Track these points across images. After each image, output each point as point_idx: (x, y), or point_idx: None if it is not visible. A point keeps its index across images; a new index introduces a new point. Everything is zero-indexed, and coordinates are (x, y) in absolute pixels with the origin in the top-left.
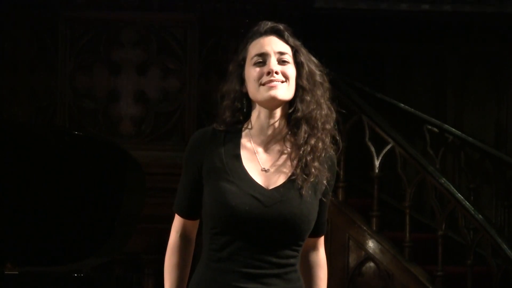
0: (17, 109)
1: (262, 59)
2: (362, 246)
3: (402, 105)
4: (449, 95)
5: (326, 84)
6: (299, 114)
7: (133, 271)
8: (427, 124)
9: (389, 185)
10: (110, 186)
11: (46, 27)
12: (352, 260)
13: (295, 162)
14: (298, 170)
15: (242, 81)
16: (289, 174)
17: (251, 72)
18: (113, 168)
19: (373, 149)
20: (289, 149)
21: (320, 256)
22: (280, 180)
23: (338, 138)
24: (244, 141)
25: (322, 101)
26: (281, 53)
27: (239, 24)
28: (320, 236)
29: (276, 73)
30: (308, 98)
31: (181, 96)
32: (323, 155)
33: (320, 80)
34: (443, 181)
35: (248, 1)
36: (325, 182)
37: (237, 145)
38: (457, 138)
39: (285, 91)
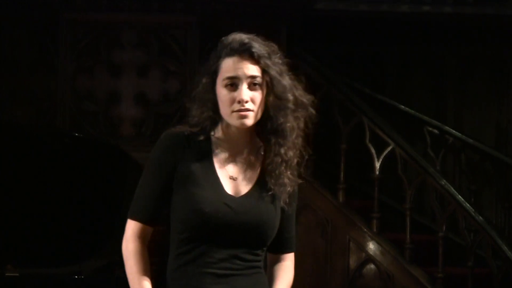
0: (18, 111)
1: (233, 82)
2: (362, 247)
3: (403, 106)
4: (449, 96)
5: (296, 98)
6: (268, 127)
7: None
8: (427, 125)
9: (389, 186)
10: (111, 188)
11: (46, 28)
12: (353, 261)
13: (260, 171)
14: (265, 179)
15: (214, 91)
16: (255, 182)
17: (222, 94)
18: (113, 170)
19: (373, 150)
20: (256, 159)
21: (286, 264)
22: (247, 188)
23: (303, 151)
24: (215, 148)
25: (288, 113)
26: (252, 77)
27: (239, 26)
28: (286, 252)
29: (246, 102)
30: (276, 113)
31: (182, 98)
32: (294, 163)
33: (288, 95)
34: (443, 183)
35: (248, 3)
36: (290, 190)
37: (209, 153)
38: (457, 140)
39: (253, 118)
